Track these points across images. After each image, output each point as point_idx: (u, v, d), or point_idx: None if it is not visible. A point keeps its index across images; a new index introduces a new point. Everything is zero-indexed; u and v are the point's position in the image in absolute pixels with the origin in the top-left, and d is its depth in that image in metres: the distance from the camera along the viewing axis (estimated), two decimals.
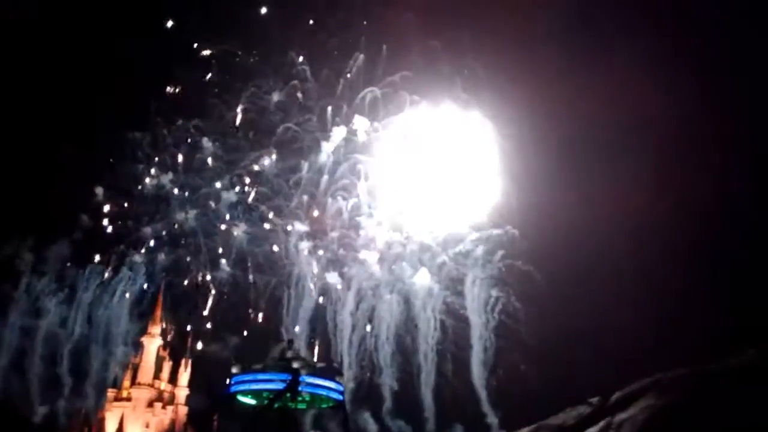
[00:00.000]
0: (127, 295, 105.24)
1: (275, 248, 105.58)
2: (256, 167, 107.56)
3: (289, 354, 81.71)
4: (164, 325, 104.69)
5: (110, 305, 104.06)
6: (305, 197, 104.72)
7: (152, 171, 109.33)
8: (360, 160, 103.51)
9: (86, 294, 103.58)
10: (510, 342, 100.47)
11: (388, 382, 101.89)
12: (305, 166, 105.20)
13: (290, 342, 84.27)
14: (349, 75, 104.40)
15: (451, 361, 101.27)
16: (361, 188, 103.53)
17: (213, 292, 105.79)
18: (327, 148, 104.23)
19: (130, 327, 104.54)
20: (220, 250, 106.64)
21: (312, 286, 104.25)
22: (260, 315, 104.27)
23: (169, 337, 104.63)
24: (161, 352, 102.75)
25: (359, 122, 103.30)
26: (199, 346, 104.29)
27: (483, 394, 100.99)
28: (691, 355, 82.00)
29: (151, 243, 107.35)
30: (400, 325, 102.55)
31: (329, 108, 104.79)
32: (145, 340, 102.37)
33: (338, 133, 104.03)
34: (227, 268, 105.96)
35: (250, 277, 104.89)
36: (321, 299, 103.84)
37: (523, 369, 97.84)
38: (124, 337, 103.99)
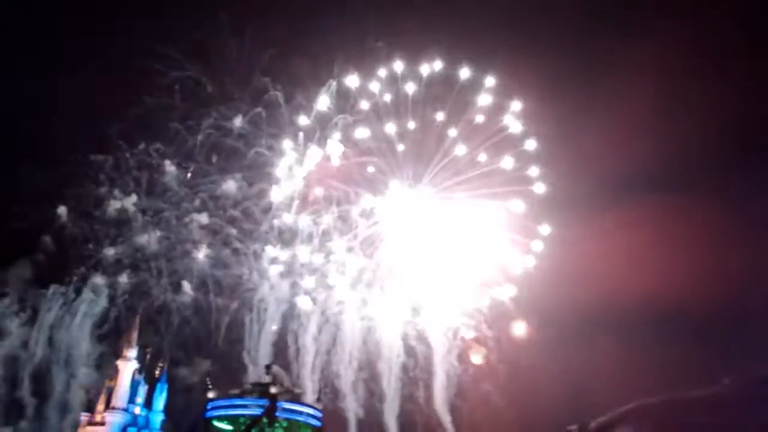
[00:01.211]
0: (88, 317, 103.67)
1: (240, 272, 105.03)
2: (222, 191, 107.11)
3: (266, 379, 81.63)
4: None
5: (72, 327, 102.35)
6: (275, 221, 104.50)
7: (114, 194, 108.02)
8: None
9: (48, 315, 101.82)
10: (480, 369, 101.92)
11: (353, 408, 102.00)
12: (275, 190, 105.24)
13: (268, 367, 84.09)
14: (321, 101, 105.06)
15: (422, 388, 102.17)
16: (333, 214, 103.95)
17: (175, 316, 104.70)
18: (299, 173, 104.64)
19: (92, 349, 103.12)
20: (183, 274, 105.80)
21: (278, 310, 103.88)
22: (223, 339, 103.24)
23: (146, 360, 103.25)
24: (136, 376, 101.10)
25: (331, 148, 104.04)
26: (172, 370, 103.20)
27: (448, 419, 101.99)
28: (667, 384, 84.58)
29: (113, 265, 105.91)
30: (368, 350, 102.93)
31: (300, 134, 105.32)
32: (120, 363, 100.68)
33: (310, 158, 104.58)
34: (190, 292, 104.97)
35: (213, 300, 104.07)
36: (286, 324, 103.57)
37: (493, 396, 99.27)
38: (86, 359, 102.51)
